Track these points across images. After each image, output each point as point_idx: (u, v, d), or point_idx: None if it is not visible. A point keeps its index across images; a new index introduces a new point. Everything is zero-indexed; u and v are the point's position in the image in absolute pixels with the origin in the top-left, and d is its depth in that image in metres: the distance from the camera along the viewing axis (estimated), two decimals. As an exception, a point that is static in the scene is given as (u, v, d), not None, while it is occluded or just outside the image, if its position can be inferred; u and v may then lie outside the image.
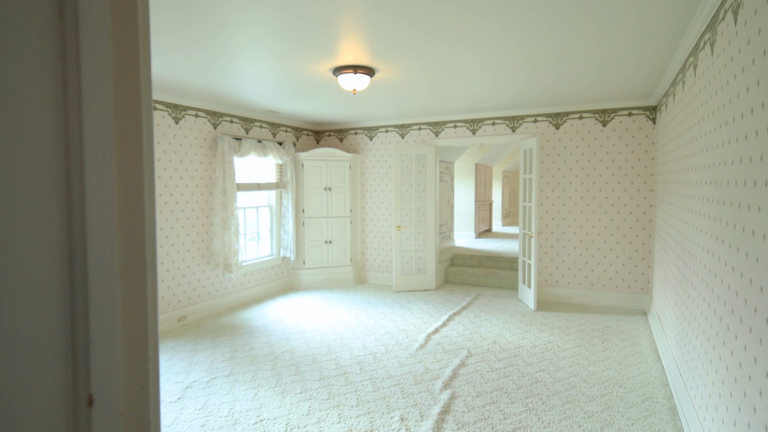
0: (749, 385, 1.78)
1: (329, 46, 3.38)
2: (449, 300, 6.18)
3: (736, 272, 1.98)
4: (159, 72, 4.08)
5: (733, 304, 2.03)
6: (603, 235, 5.84)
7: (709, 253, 2.51)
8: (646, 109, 5.53)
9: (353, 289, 6.89)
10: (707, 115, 2.64)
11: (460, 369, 3.89)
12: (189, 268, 5.37)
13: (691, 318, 2.99)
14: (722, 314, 2.20)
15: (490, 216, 12.09)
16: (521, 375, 3.76)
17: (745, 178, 1.89)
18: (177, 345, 4.53)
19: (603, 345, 4.42)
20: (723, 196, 2.24)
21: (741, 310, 1.90)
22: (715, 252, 2.36)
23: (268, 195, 6.87)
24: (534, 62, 3.80)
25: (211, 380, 3.71)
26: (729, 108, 2.18)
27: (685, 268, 3.24)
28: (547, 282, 6.18)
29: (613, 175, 5.76)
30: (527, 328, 4.95)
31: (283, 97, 5.19)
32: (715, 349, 2.30)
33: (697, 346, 2.73)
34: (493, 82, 4.53)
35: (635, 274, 5.69)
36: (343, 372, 3.86)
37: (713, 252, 2.41)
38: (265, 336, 4.79)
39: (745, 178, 1.89)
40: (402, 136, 7.05)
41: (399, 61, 3.75)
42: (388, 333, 4.85)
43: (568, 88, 4.84)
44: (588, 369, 3.86)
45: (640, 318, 5.29)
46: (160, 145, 4.98)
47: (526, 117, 6.20)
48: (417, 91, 4.96)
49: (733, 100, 2.12)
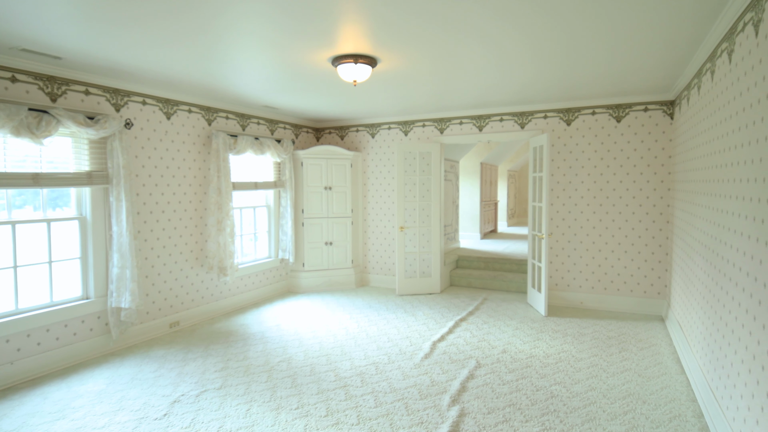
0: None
1: (328, 33, 3.11)
2: (455, 304, 5.90)
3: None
4: (149, 65, 3.82)
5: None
6: (617, 237, 5.55)
7: (754, 258, 2.22)
8: (663, 103, 5.24)
9: (354, 293, 6.62)
10: (750, 103, 2.35)
11: (469, 381, 3.61)
12: (182, 271, 5.11)
13: (726, 329, 2.70)
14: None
15: (495, 216, 11.80)
16: (535, 389, 3.48)
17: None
18: (167, 353, 4.27)
19: (621, 354, 4.14)
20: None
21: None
22: (763, 257, 2.08)
23: (266, 194, 6.61)
24: (540, 51, 3.52)
25: (201, 393, 3.44)
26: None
27: (717, 273, 2.95)
28: (557, 286, 5.89)
29: (628, 173, 5.47)
30: (538, 336, 4.67)
31: (281, 90, 4.92)
32: (765, 370, 2.02)
33: (737, 362, 2.45)
34: (500, 74, 4.25)
35: (651, 277, 5.40)
36: (342, 385, 3.58)
37: (758, 257, 2.13)
38: (261, 344, 4.52)
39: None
40: (405, 133, 6.78)
41: (402, 50, 3.48)
42: (391, 340, 4.58)
43: (580, 82, 4.55)
44: (607, 382, 3.58)
45: (658, 324, 5.00)
46: (151, 142, 4.72)
47: (536, 113, 5.91)
48: (420, 85, 4.68)
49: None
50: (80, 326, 4.11)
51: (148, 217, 4.71)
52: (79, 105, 4.05)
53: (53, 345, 3.91)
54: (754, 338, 2.19)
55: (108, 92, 4.29)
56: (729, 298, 2.69)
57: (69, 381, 3.68)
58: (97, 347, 4.23)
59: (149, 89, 4.62)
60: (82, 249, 4.20)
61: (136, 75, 4.15)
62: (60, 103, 3.90)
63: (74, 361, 4.03)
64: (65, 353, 3.98)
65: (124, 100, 4.44)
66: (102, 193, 4.27)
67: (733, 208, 2.59)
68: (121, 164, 4.21)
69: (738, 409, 2.40)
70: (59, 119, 3.70)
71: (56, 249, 4.07)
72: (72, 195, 4.18)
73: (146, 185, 4.69)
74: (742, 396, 2.33)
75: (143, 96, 4.61)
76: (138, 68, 3.92)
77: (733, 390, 2.49)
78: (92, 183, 4.11)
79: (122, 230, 4.22)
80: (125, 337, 4.47)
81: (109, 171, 4.20)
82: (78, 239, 4.18)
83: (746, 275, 2.32)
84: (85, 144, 4.11)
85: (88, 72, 4.01)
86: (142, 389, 3.53)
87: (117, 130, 4.18)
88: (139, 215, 4.61)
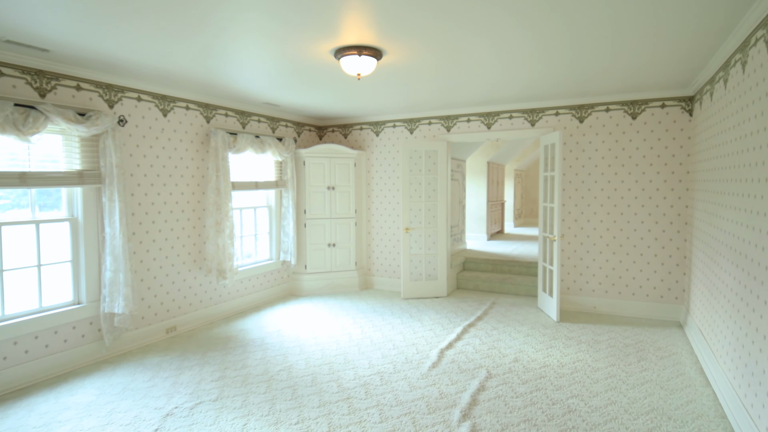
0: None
1: (331, 24, 2.91)
2: (462, 309, 5.68)
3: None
4: (145, 60, 3.63)
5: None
6: (632, 239, 5.31)
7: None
8: (681, 99, 5.00)
9: (358, 296, 6.41)
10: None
11: (480, 394, 3.39)
12: (179, 275, 4.91)
13: (762, 340, 2.48)
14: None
15: (502, 217, 11.56)
16: (551, 402, 3.26)
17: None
18: (162, 361, 4.08)
19: (640, 364, 3.91)
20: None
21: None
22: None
23: (267, 195, 6.41)
24: (545, 42, 3.30)
25: (196, 406, 3.24)
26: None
27: (748, 278, 2.73)
28: (569, 290, 5.66)
29: (644, 172, 5.23)
30: (551, 343, 4.45)
31: (282, 86, 4.71)
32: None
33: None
34: (507, 67, 4.03)
35: (668, 281, 5.16)
36: (346, 396, 3.38)
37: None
38: (261, 351, 4.32)
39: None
40: (411, 131, 6.56)
41: (406, 42, 3.27)
42: (396, 348, 4.37)
43: (592, 77, 4.32)
44: (627, 395, 3.35)
45: (676, 331, 4.76)
46: (146, 140, 4.52)
47: (547, 110, 5.68)
48: (426, 79, 4.47)
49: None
50: (71, 333, 3.92)
51: (143, 218, 4.52)
52: (69, 101, 3.86)
53: (42, 353, 3.72)
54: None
55: (101, 88, 4.10)
56: (762, 304, 2.47)
57: (58, 391, 3.49)
58: (89, 354, 4.04)
59: (145, 85, 4.43)
60: (73, 252, 4.01)
61: (131, 70, 3.95)
62: (49, 99, 3.72)
63: (64, 370, 3.85)
64: (55, 361, 3.79)
65: (118, 96, 4.25)
66: (94, 194, 4.08)
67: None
68: (114, 163, 4.02)
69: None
70: (47, 115, 3.51)
71: (46, 252, 3.88)
72: (63, 195, 3.99)
73: (141, 185, 4.49)
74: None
75: (138, 92, 4.42)
76: (133, 62, 3.73)
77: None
78: (84, 183, 3.92)
79: (115, 232, 4.03)
80: (119, 344, 4.28)
81: (101, 170, 4.01)
82: (69, 242, 3.99)
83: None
84: (76, 142, 3.92)
85: (80, 66, 3.82)
86: (133, 401, 3.33)
87: (110, 127, 3.99)
88: (134, 216, 4.42)
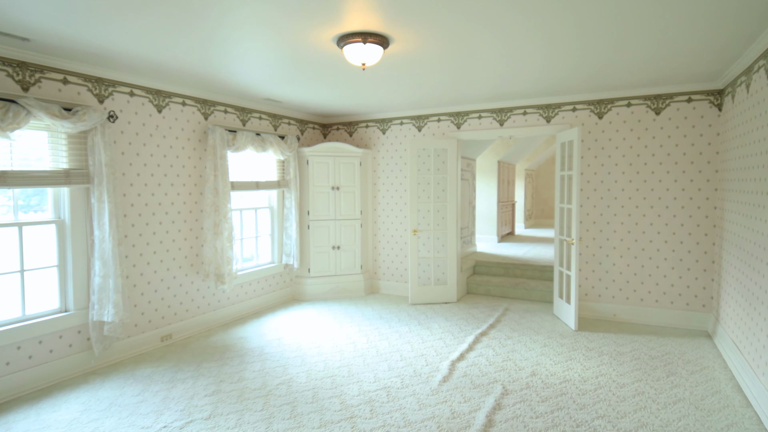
0: None
1: (333, 7, 2.63)
2: (473, 315, 5.39)
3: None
4: (138, 53, 3.38)
5: None
6: (655, 242, 4.98)
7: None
8: (709, 93, 4.66)
9: (363, 301, 6.13)
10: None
11: (496, 413, 3.10)
12: (175, 279, 4.66)
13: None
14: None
15: (512, 218, 11.23)
16: (575, 424, 2.95)
17: None
18: (154, 373, 3.82)
19: (669, 380, 3.59)
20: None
21: None
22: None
23: (269, 195, 6.15)
24: (551, 36, 3.00)
25: (186, 425, 2.98)
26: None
27: (804, 292, 2.41)
28: (587, 296, 5.34)
29: (668, 171, 4.90)
30: (571, 355, 4.14)
31: (283, 80, 4.45)
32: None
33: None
34: (517, 59, 3.73)
35: (695, 288, 4.83)
36: (349, 415, 3.09)
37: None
38: (259, 361, 4.05)
39: None
40: (419, 128, 6.27)
41: (414, 29, 2.98)
42: (404, 359, 4.08)
43: (610, 68, 4.00)
44: (659, 416, 3.04)
45: (705, 342, 4.43)
46: (139, 137, 4.28)
47: (563, 105, 5.37)
48: (435, 72, 4.17)
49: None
50: (57, 342, 3.68)
51: (136, 220, 4.27)
52: (55, 95, 3.62)
53: (25, 364, 3.48)
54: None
55: (90, 81, 3.85)
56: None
57: (39, 407, 3.24)
58: (76, 366, 3.80)
59: (138, 79, 4.19)
60: (60, 256, 3.77)
61: (123, 62, 3.71)
62: (33, 93, 3.47)
63: (49, 382, 3.60)
64: (39, 373, 3.55)
65: (109, 90, 4.00)
66: (83, 194, 3.84)
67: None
68: (103, 161, 3.78)
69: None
70: (29, 110, 3.27)
71: (30, 256, 3.64)
72: (49, 196, 3.75)
73: (134, 185, 4.25)
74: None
75: (131, 86, 4.17)
76: (124, 54, 3.48)
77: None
78: (71, 182, 3.68)
79: (105, 235, 3.79)
80: (109, 353, 4.03)
81: (90, 169, 3.77)
82: (55, 245, 3.75)
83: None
84: (63, 139, 3.68)
85: (67, 58, 3.57)
86: (119, 418, 3.08)
87: (99, 124, 3.75)
88: (127, 218, 4.18)
